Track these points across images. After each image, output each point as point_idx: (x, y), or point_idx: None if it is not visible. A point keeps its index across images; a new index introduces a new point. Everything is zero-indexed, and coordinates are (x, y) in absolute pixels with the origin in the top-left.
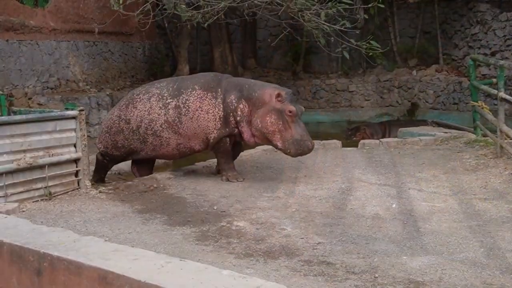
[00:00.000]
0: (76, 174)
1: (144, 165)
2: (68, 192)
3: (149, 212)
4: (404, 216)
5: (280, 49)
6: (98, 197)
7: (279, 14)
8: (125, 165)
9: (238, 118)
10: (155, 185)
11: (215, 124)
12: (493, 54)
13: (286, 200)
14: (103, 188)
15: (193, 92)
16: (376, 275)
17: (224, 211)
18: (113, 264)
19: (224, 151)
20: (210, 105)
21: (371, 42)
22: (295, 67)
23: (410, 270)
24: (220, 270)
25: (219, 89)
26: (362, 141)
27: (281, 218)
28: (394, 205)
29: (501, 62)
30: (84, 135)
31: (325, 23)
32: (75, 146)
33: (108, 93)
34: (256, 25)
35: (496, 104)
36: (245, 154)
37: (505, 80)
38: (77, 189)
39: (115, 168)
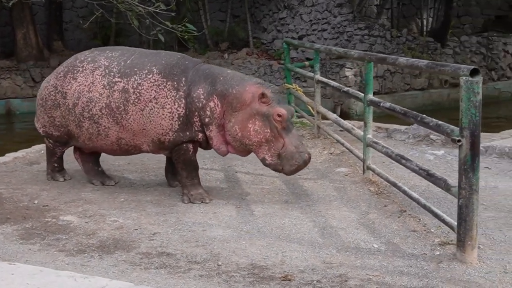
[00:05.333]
0: None
1: (90, 154)
2: None
3: None
4: (236, 200)
5: (89, 31)
6: None
7: None
8: None
9: (207, 120)
10: None
11: (171, 124)
12: (300, 38)
13: (112, 190)
14: None
15: (148, 76)
16: (219, 263)
17: (47, 205)
18: None
19: (186, 161)
20: (168, 98)
21: (187, 25)
22: None
23: (251, 255)
24: (57, 272)
25: (183, 79)
26: None
27: (110, 209)
28: (224, 190)
29: (317, 45)
30: None
31: (139, 5)
32: None
33: None
34: (62, 5)
35: (305, 86)
36: None
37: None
38: None
39: None
